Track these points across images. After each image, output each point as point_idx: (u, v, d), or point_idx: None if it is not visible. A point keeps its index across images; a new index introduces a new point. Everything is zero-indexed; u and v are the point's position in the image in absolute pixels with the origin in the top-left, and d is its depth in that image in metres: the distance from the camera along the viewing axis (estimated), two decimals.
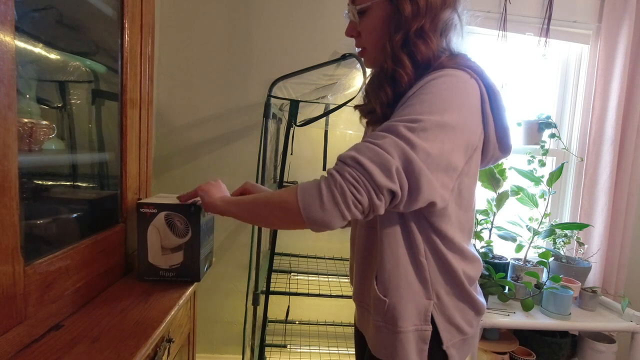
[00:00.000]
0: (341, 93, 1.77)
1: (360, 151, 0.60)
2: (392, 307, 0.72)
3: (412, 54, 0.69)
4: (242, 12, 1.80)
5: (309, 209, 0.60)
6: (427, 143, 0.60)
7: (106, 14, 0.93)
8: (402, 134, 0.60)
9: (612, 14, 1.83)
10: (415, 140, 0.59)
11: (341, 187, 0.58)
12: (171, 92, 1.81)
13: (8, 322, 0.62)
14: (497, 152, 0.75)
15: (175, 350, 0.95)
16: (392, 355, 0.72)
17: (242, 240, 1.88)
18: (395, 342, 0.71)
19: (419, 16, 0.68)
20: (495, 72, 1.97)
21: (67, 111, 0.99)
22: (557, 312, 1.54)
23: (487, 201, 1.81)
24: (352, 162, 0.59)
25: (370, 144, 0.60)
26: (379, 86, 0.72)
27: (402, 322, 0.71)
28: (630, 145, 1.86)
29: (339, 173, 0.59)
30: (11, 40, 0.59)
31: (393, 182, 0.59)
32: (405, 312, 0.71)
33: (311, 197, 0.60)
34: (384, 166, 0.58)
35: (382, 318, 0.73)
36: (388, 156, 0.59)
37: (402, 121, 0.61)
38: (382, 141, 0.60)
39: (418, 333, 0.72)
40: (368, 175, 0.58)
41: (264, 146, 1.47)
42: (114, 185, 1.01)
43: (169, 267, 0.99)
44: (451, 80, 0.64)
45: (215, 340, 1.93)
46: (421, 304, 0.72)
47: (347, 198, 0.58)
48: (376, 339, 0.75)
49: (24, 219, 0.65)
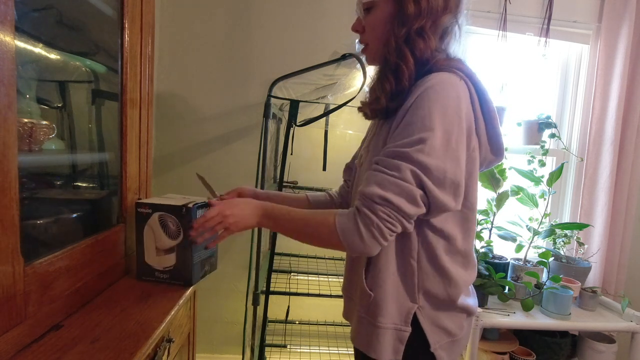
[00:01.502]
0: (341, 93, 1.77)
1: (384, 187, 0.66)
2: (375, 302, 0.75)
3: (412, 50, 0.72)
4: (242, 12, 1.80)
5: (352, 245, 0.68)
6: (440, 161, 0.65)
7: (106, 14, 0.93)
8: (415, 159, 0.65)
9: (612, 14, 1.83)
10: (428, 162, 0.65)
11: (378, 226, 0.66)
12: (171, 92, 1.81)
13: (8, 322, 0.62)
14: (490, 155, 0.77)
15: (175, 350, 0.95)
16: (367, 347, 0.76)
17: (242, 240, 1.88)
18: (372, 336, 0.75)
19: (420, 16, 0.72)
20: (495, 72, 1.97)
21: (67, 111, 0.99)
22: (557, 312, 1.54)
23: (487, 201, 1.81)
24: (381, 201, 0.66)
25: (390, 177, 0.66)
26: (383, 77, 0.75)
27: (382, 318, 0.74)
28: (630, 145, 1.86)
29: (373, 213, 0.66)
30: (11, 40, 0.59)
31: (420, 207, 0.67)
32: (386, 310, 0.74)
33: (352, 236, 0.68)
34: (410, 197, 0.65)
35: (365, 310, 0.77)
36: (410, 186, 0.65)
37: (410, 145, 0.66)
38: (399, 172, 0.65)
39: (396, 332, 0.74)
40: (398, 209, 0.66)
41: (264, 146, 1.47)
42: (114, 185, 1.01)
43: (163, 269, 0.98)
44: (441, 87, 0.67)
45: (215, 340, 1.93)
46: (404, 306, 0.74)
47: (384, 232, 0.67)
48: (357, 329, 0.79)
49: (24, 219, 0.65)
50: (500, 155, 0.78)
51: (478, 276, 1.60)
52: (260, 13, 1.80)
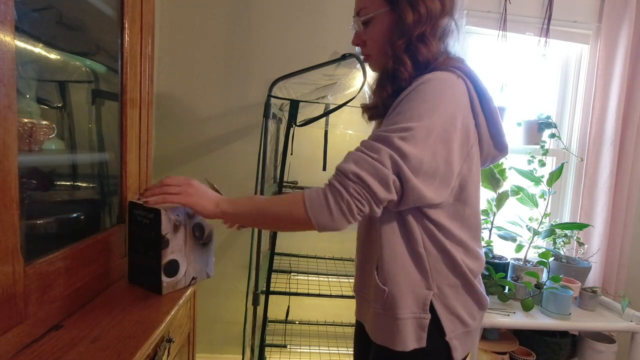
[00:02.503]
0: (341, 93, 1.77)
1: (359, 165, 0.67)
2: (390, 296, 0.75)
3: (414, 56, 0.74)
4: (242, 12, 1.80)
5: (319, 219, 0.69)
6: (419, 150, 0.66)
7: (106, 14, 0.93)
8: (395, 145, 0.66)
9: (612, 14, 1.83)
10: (407, 150, 0.66)
11: (347, 201, 0.67)
12: (171, 92, 1.81)
13: (8, 322, 0.62)
14: (493, 150, 0.79)
15: (175, 350, 0.95)
16: (390, 340, 0.76)
17: (242, 240, 1.88)
18: (394, 328, 0.75)
19: (420, 23, 0.73)
20: (495, 72, 1.97)
21: (67, 111, 0.99)
22: (557, 312, 1.54)
23: (487, 201, 1.81)
24: (354, 177, 0.66)
25: (368, 157, 0.67)
26: (381, 85, 0.78)
27: (400, 310, 0.75)
28: (630, 145, 1.86)
29: (343, 188, 0.67)
30: (11, 40, 0.59)
31: (391, 193, 0.67)
32: (403, 301, 0.75)
33: (320, 209, 0.68)
34: (383, 180, 0.66)
35: (382, 306, 0.77)
36: (385, 170, 0.66)
37: (394, 131, 0.67)
38: (378, 154, 0.66)
39: (417, 320, 0.75)
40: (370, 190, 0.66)
41: (264, 146, 1.47)
42: (114, 185, 1.01)
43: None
44: (438, 83, 0.69)
45: (215, 340, 1.93)
46: (420, 294, 0.75)
47: (353, 210, 0.67)
48: (375, 325, 0.79)
49: (24, 219, 0.65)
50: (504, 151, 0.79)
51: None
52: (260, 13, 1.80)
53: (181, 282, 0.94)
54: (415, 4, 0.73)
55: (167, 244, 0.87)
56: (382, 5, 0.77)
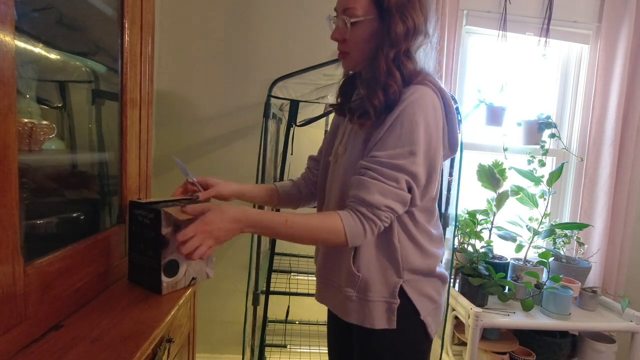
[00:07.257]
0: None
1: (386, 196, 0.77)
2: (363, 281, 0.85)
3: (400, 68, 0.79)
4: (242, 12, 1.80)
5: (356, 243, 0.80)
6: (423, 168, 0.78)
7: (106, 14, 0.93)
8: (409, 170, 0.77)
9: (612, 14, 1.83)
10: (416, 171, 0.77)
11: (379, 226, 0.79)
12: (171, 92, 1.81)
13: (8, 322, 0.62)
14: (447, 150, 0.87)
15: (175, 350, 0.95)
16: (362, 318, 0.85)
17: (242, 240, 1.88)
18: (365, 309, 0.85)
19: (408, 36, 0.78)
20: (495, 72, 1.97)
21: (67, 111, 0.99)
22: (557, 312, 1.54)
23: (487, 201, 1.81)
24: (385, 208, 0.77)
25: (392, 188, 0.77)
26: (372, 92, 0.80)
27: (372, 293, 0.85)
28: (630, 145, 1.86)
29: (377, 218, 0.77)
30: (11, 40, 0.59)
31: (407, 207, 0.81)
32: (375, 286, 0.84)
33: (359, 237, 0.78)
34: (403, 202, 0.79)
35: (354, 289, 0.86)
36: (405, 194, 0.78)
37: (404, 157, 0.77)
38: (398, 183, 0.77)
39: (386, 304, 0.85)
40: (395, 212, 0.79)
41: (264, 146, 1.47)
42: (114, 185, 1.01)
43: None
44: (423, 101, 0.77)
45: (215, 340, 1.93)
46: (391, 281, 0.85)
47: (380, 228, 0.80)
48: (346, 306, 0.87)
49: (24, 219, 0.65)
50: (454, 151, 0.88)
51: (478, 276, 1.60)
52: (261, 13, 1.80)
53: (181, 282, 0.94)
54: (404, 17, 0.77)
55: (167, 244, 0.87)
56: (371, 11, 0.79)
